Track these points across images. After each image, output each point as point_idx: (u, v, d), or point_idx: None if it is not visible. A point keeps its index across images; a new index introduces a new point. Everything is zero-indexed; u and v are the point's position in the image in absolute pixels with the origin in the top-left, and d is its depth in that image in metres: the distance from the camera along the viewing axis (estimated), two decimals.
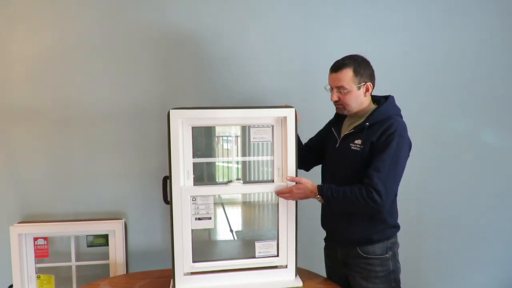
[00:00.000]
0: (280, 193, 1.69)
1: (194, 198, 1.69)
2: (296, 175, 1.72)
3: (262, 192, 1.83)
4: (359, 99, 1.67)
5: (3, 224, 2.12)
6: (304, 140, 1.95)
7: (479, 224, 2.58)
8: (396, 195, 1.72)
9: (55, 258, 2.19)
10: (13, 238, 2.06)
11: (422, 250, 2.53)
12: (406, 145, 1.62)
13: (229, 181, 1.76)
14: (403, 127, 1.64)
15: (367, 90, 1.67)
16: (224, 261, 1.78)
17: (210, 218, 1.71)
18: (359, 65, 1.64)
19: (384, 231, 1.70)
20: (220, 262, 1.77)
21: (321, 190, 1.63)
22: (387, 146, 1.57)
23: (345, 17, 2.29)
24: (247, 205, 1.96)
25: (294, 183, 1.68)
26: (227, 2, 2.19)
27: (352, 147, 1.67)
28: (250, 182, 1.81)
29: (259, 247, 1.76)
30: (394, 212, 1.75)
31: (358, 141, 1.65)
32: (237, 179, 1.78)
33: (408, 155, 1.66)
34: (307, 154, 1.89)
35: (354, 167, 1.65)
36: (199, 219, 1.70)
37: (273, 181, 1.75)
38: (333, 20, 2.28)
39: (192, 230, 1.69)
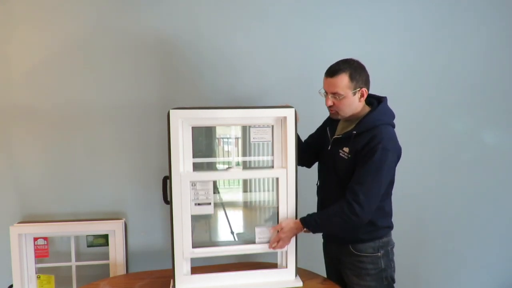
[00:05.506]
0: (272, 245, 1.72)
1: (193, 184, 1.68)
2: (296, 175, 1.72)
3: (261, 177, 1.82)
4: (354, 105, 1.66)
5: (3, 224, 2.12)
6: (304, 139, 1.95)
7: (479, 224, 2.57)
8: (390, 195, 1.74)
9: (55, 258, 2.19)
10: (13, 238, 2.06)
11: (421, 250, 2.52)
12: (390, 157, 1.59)
13: (229, 167, 1.76)
14: (388, 137, 1.61)
15: (362, 95, 1.66)
16: (224, 246, 1.78)
17: (209, 204, 1.70)
18: (355, 70, 1.62)
19: (374, 231, 1.71)
20: (220, 248, 1.77)
21: (304, 222, 1.66)
22: (369, 159, 1.57)
23: (346, 17, 2.29)
24: (248, 207, 1.96)
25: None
26: (227, 4, 2.19)
27: (340, 154, 1.68)
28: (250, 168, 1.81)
29: (259, 232, 1.76)
30: (386, 214, 1.75)
31: (346, 149, 1.66)
32: (237, 165, 1.77)
33: (395, 164, 1.66)
34: (307, 151, 1.89)
35: (342, 173, 1.67)
36: (199, 204, 1.69)
37: (272, 167, 1.74)
38: (333, 21, 2.28)
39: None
